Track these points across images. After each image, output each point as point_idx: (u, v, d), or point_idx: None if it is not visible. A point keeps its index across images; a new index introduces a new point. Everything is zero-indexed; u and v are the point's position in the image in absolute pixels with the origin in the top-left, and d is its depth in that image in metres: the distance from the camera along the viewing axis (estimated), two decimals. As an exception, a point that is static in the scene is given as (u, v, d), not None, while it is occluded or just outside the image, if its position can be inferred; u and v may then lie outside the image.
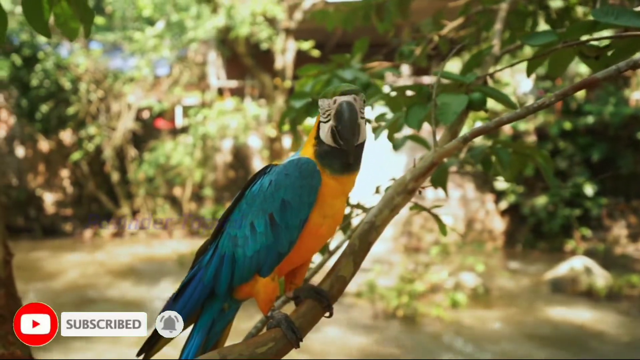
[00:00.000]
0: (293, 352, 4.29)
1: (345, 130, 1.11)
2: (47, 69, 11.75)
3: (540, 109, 1.22)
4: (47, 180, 13.72)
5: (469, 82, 1.64)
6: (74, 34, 1.68)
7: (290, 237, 1.12)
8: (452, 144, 1.23)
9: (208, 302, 1.23)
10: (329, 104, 1.14)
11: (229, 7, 11.20)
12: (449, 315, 8.15)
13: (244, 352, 1.05)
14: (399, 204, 1.24)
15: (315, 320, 1.15)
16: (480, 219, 13.22)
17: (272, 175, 1.17)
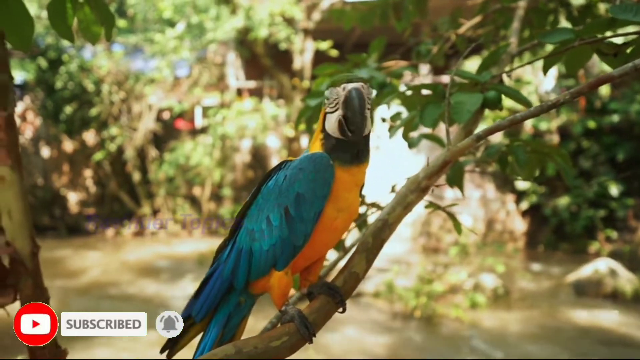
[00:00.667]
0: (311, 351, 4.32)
1: (355, 116, 1.11)
2: (71, 71, 12.02)
3: (555, 107, 1.22)
4: (71, 180, 14.03)
5: (484, 81, 1.63)
6: (95, 37, 1.73)
7: (305, 230, 1.13)
8: (465, 142, 1.23)
9: (225, 296, 1.25)
10: (337, 92, 1.14)
11: (247, 8, 11.29)
12: (468, 316, 8.06)
13: (258, 345, 1.07)
14: (412, 202, 1.25)
15: (328, 315, 1.17)
16: (500, 220, 13.05)
17: (287, 170, 1.18)
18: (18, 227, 0.67)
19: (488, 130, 1.23)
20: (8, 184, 0.65)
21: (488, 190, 13.21)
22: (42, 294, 0.71)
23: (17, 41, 1.53)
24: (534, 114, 1.22)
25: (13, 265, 0.67)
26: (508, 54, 1.86)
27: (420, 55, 2.97)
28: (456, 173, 2.13)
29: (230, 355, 1.04)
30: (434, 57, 2.83)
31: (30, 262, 0.68)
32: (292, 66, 13.03)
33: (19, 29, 1.53)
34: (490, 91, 1.60)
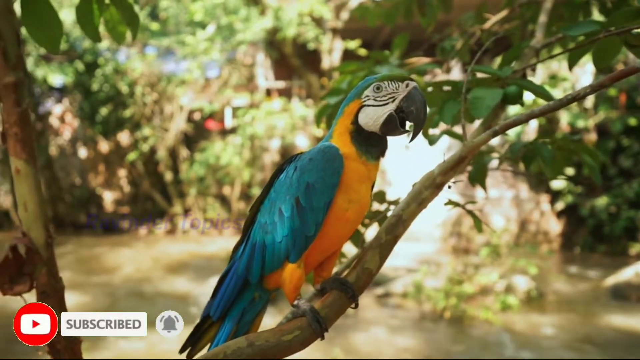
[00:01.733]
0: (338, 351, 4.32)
1: (421, 112, 1.14)
2: (107, 74, 12.39)
3: (575, 100, 1.18)
4: (106, 179, 14.47)
5: (505, 76, 1.60)
6: (121, 37, 1.79)
7: (315, 220, 1.13)
8: (482, 137, 1.21)
9: (240, 292, 1.27)
10: (397, 87, 1.15)
11: (276, 9, 11.38)
12: (499, 318, 7.90)
13: (270, 339, 1.08)
14: (427, 198, 1.24)
15: (341, 310, 1.17)
16: (534, 221, 12.72)
17: (298, 162, 1.20)
18: (33, 218, 0.70)
19: (505, 125, 1.21)
20: (23, 176, 0.68)
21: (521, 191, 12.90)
22: (57, 282, 0.74)
23: (46, 43, 1.59)
24: (554, 108, 1.19)
25: (29, 254, 0.70)
26: (531, 48, 1.82)
27: (445, 52, 2.93)
28: (479, 171, 2.10)
29: (243, 348, 1.05)
30: (458, 54, 2.78)
31: (45, 252, 0.71)
32: (321, 66, 13.05)
33: (48, 31, 1.59)
34: (511, 86, 1.57)
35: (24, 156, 0.67)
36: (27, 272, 0.70)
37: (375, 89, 1.17)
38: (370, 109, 1.17)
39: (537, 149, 1.88)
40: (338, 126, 1.21)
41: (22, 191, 0.69)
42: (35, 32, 1.58)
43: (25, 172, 0.68)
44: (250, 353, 1.05)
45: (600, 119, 11.89)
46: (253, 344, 1.06)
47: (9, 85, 0.65)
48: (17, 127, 0.66)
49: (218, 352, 1.05)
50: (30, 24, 1.57)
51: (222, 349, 1.05)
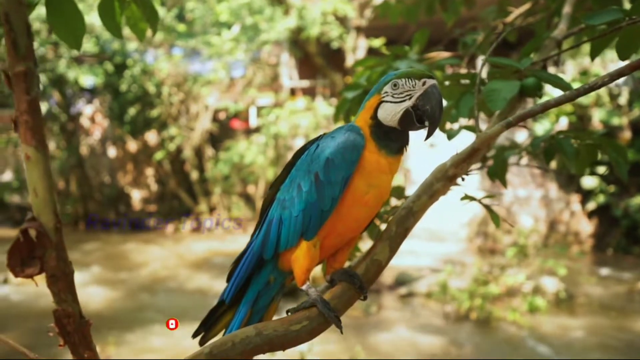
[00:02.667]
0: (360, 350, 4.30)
1: (437, 110, 1.15)
2: (135, 74, 12.66)
3: (593, 90, 1.15)
4: (134, 178, 14.79)
5: (523, 68, 1.56)
6: (142, 34, 1.83)
7: (332, 194, 1.14)
8: (495, 129, 1.19)
9: (256, 274, 1.28)
10: (414, 84, 1.17)
11: (300, 8, 11.42)
12: (526, 320, 7.74)
13: (278, 328, 1.09)
14: (439, 191, 1.22)
15: (350, 302, 1.16)
16: (564, 221, 12.41)
17: (320, 141, 1.22)
18: (43, 203, 0.72)
19: (519, 116, 1.18)
20: (33, 163, 0.70)
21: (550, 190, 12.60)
22: (66, 266, 0.76)
23: (69, 40, 1.65)
24: (570, 98, 1.16)
25: (39, 238, 0.73)
26: (552, 39, 1.77)
27: (467, 47, 2.89)
28: (499, 166, 2.06)
29: (251, 336, 1.06)
30: (480, 48, 2.73)
31: (54, 236, 0.73)
32: (345, 64, 13.03)
33: (71, 29, 1.65)
34: (529, 78, 1.53)
35: (33, 143, 0.70)
36: (38, 256, 0.73)
37: (393, 85, 1.19)
38: (388, 105, 1.19)
39: (559, 143, 1.83)
40: (359, 119, 1.23)
41: (33, 177, 0.71)
42: (59, 29, 1.64)
43: (35, 159, 0.71)
44: (259, 342, 1.06)
45: (635, 116, 11.51)
46: (261, 333, 1.07)
47: (19, 75, 0.68)
48: (27, 114, 0.69)
49: (226, 341, 1.06)
50: (54, 22, 1.63)
51: (231, 337, 1.06)
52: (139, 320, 7.26)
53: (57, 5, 1.59)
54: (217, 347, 1.05)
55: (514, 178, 12.61)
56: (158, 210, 14.37)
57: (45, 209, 0.71)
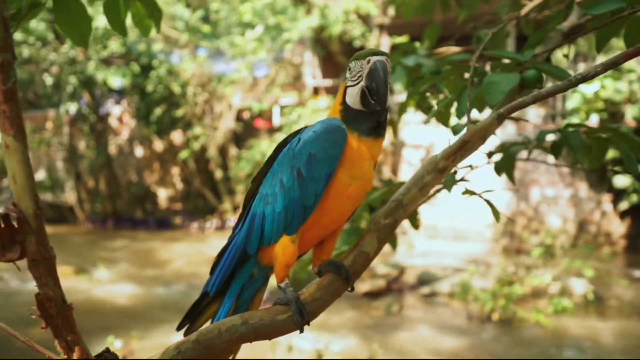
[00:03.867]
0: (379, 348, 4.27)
1: (380, 86, 1.15)
2: (161, 75, 12.91)
3: (585, 80, 1.12)
4: (160, 177, 15.10)
5: (524, 60, 1.53)
6: (147, 30, 1.88)
7: (315, 190, 1.15)
8: (485, 121, 1.18)
9: (239, 267, 1.29)
10: (362, 64, 1.19)
11: (322, 7, 11.44)
12: (552, 322, 7.56)
13: (264, 318, 1.10)
14: (429, 183, 1.21)
15: (337, 293, 1.16)
16: (594, 221, 12.04)
17: (301, 135, 1.23)
18: (22, 190, 0.75)
19: (511, 107, 1.17)
20: (12, 151, 0.73)
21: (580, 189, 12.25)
22: (47, 251, 0.79)
23: (76, 38, 1.70)
24: (562, 88, 1.14)
25: (19, 224, 0.76)
26: (558, 31, 1.73)
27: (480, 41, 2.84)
28: (506, 160, 2.03)
29: (237, 325, 1.08)
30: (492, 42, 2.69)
31: (34, 222, 0.77)
32: (368, 63, 12.96)
33: (77, 28, 1.70)
34: (529, 70, 1.51)
35: (12, 132, 0.73)
36: (19, 241, 0.76)
37: (348, 70, 1.21)
38: (350, 89, 1.21)
39: (566, 136, 1.79)
40: (333, 106, 1.26)
41: (12, 165, 0.75)
42: (66, 28, 1.69)
43: (13, 147, 0.74)
44: (244, 331, 1.08)
45: (668, 112, 11.09)
46: (247, 322, 1.08)
47: (-3, 66, 0.71)
48: (5, 104, 0.72)
49: (213, 329, 1.08)
50: (61, 21, 1.68)
51: (217, 325, 1.08)
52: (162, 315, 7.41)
53: (63, 4, 1.65)
54: (204, 335, 1.07)
55: (541, 177, 12.33)
56: (183, 209, 14.63)
57: (24, 196, 0.74)
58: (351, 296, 8.89)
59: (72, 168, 14.29)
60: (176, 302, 8.18)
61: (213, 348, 1.07)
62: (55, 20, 1.69)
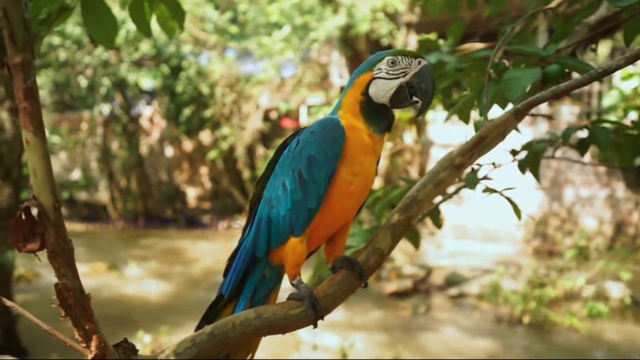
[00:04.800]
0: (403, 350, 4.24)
1: (429, 88, 1.17)
2: (190, 76, 13.15)
3: (607, 74, 1.09)
4: (190, 176, 15.36)
5: (547, 55, 1.50)
6: (172, 31, 1.93)
7: (317, 192, 1.14)
8: (502, 117, 1.15)
9: (251, 269, 1.30)
10: (410, 62, 1.18)
11: (349, 6, 11.42)
12: (586, 326, 7.35)
13: (278, 312, 1.11)
14: (445, 180, 1.19)
15: (350, 289, 1.16)
16: (633, 223, 11.62)
17: (300, 136, 1.22)
18: (42, 184, 0.79)
19: (528, 103, 1.14)
20: (32, 147, 0.77)
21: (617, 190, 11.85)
22: (65, 244, 0.82)
23: (102, 39, 1.77)
24: (582, 83, 1.11)
25: (40, 217, 0.79)
26: (584, 25, 1.68)
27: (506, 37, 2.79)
28: (531, 158, 1.99)
29: (251, 319, 1.09)
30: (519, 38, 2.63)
31: (53, 215, 0.80)
32: (395, 62, 12.87)
33: (104, 29, 1.77)
34: (552, 65, 1.47)
35: (32, 128, 0.76)
36: (39, 233, 0.80)
37: (390, 62, 1.19)
38: (381, 81, 1.19)
39: (593, 133, 1.75)
40: (347, 97, 1.22)
41: (32, 160, 0.78)
42: (93, 29, 1.76)
43: (34, 143, 0.77)
44: (258, 324, 1.09)
45: None
46: (261, 316, 1.10)
47: (18, 65, 0.74)
48: (25, 102, 0.75)
49: (227, 322, 1.09)
50: (89, 23, 1.75)
51: (232, 319, 1.09)
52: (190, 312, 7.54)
53: (91, 7, 1.71)
54: (219, 328, 1.09)
55: (576, 177, 11.97)
56: (212, 208, 14.85)
57: (44, 190, 0.78)
58: (377, 296, 8.84)
59: (106, 168, 14.70)
60: (203, 299, 8.28)
61: (227, 341, 1.08)
62: (84, 22, 1.75)
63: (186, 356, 1.05)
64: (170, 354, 1.05)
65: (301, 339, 6.43)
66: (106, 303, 8.11)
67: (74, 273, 0.85)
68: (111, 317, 7.49)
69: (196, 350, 1.06)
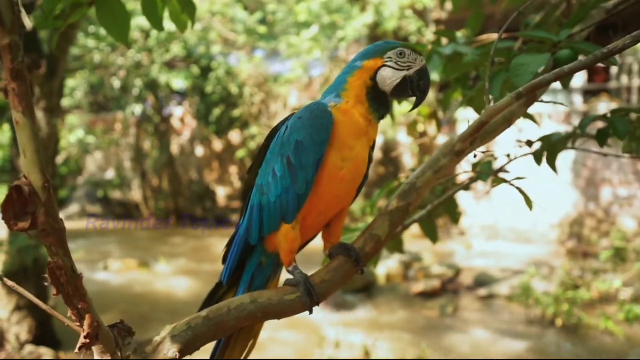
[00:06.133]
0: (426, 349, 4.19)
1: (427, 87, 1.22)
2: (219, 76, 13.34)
3: (612, 54, 1.04)
4: (219, 175, 15.59)
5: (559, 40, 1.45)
6: (184, 26, 1.96)
7: (305, 177, 1.13)
8: (503, 101, 1.12)
9: (247, 257, 1.30)
10: (415, 58, 1.22)
11: (377, 4, 11.35)
12: (623, 329, 7.08)
13: (272, 297, 1.10)
14: (445, 166, 1.17)
15: (346, 275, 1.15)
16: (679, 222, 11.14)
17: (289, 122, 1.22)
18: (31, 163, 0.81)
19: (530, 86, 1.10)
20: (21, 127, 0.79)
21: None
22: (56, 222, 0.84)
23: (116, 34, 1.81)
24: (586, 64, 1.07)
25: (31, 196, 0.81)
26: (601, 9, 1.62)
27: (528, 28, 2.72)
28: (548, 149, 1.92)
29: (246, 303, 1.09)
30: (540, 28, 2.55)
31: (43, 194, 0.82)
32: (424, 59, 12.73)
33: (118, 25, 1.81)
34: (563, 50, 1.42)
35: (20, 109, 0.78)
36: (30, 212, 0.82)
37: (399, 53, 1.21)
38: (389, 70, 1.20)
39: (611, 122, 1.68)
40: (355, 78, 1.22)
41: (22, 140, 0.80)
42: (107, 25, 1.81)
43: (22, 123, 0.79)
44: (253, 309, 1.09)
45: None
46: (256, 301, 1.10)
47: (5, 47, 0.76)
48: (14, 82, 0.77)
49: (222, 306, 1.10)
50: (103, 19, 1.80)
51: (227, 303, 1.10)
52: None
53: (105, 3, 1.76)
54: (214, 312, 1.10)
55: (613, 175, 11.55)
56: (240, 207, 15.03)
57: (34, 169, 0.80)
58: (404, 296, 8.75)
59: (138, 167, 15.08)
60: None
61: (222, 324, 1.09)
62: (97, 18, 1.80)
63: (182, 339, 1.06)
64: (166, 337, 1.06)
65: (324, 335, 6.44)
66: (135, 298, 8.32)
67: (65, 252, 0.87)
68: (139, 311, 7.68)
69: (191, 333, 1.07)
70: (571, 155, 11.16)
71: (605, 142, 1.78)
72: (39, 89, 6.03)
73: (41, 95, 6.05)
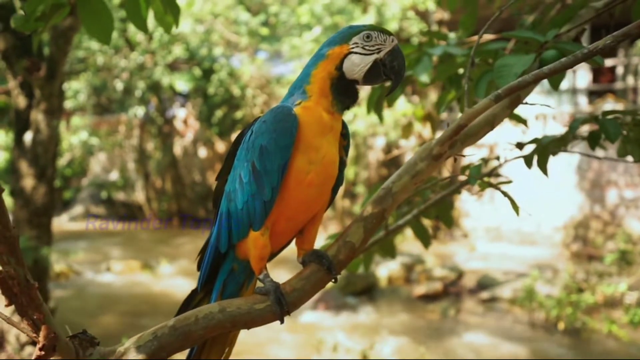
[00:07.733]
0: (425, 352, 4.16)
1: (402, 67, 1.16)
2: (222, 78, 13.35)
3: (592, 54, 1.01)
4: (223, 177, 15.60)
5: (544, 41, 1.40)
6: (169, 27, 1.93)
7: (270, 183, 1.09)
8: (481, 104, 1.08)
9: (220, 264, 1.26)
10: (385, 39, 1.15)
11: (379, 5, 11.31)
12: (628, 334, 6.99)
13: (242, 306, 1.07)
14: (422, 171, 1.13)
15: (319, 284, 1.11)
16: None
17: (254, 126, 1.17)
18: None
19: (509, 89, 1.06)
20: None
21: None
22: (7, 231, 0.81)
23: (98, 35, 1.78)
24: (566, 65, 1.03)
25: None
26: (590, 8, 1.57)
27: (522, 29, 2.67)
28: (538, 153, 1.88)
29: (214, 313, 1.05)
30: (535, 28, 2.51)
31: (-7, 201, 0.79)
32: (426, 60, 12.67)
33: (100, 25, 1.79)
34: (548, 50, 1.38)
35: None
36: (-21, 221, 0.79)
37: (366, 37, 1.14)
38: (356, 57, 1.14)
39: (602, 124, 1.64)
40: (319, 70, 1.16)
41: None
42: (89, 26, 1.78)
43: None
44: (221, 319, 1.05)
45: None
46: (224, 310, 1.06)
47: None
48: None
49: (190, 316, 1.06)
50: (85, 19, 1.77)
51: (195, 312, 1.06)
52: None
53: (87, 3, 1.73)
54: (181, 321, 1.06)
55: (619, 177, 11.43)
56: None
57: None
58: (406, 298, 8.69)
59: (142, 168, 15.11)
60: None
61: (190, 335, 1.05)
62: (80, 19, 1.78)
63: (147, 349, 1.03)
64: (130, 347, 1.03)
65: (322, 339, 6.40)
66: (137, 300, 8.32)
67: (18, 261, 0.84)
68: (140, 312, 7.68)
69: (157, 343, 1.04)
70: (576, 157, 11.06)
71: (596, 145, 1.74)
72: (39, 91, 6.05)
73: (41, 97, 6.05)
